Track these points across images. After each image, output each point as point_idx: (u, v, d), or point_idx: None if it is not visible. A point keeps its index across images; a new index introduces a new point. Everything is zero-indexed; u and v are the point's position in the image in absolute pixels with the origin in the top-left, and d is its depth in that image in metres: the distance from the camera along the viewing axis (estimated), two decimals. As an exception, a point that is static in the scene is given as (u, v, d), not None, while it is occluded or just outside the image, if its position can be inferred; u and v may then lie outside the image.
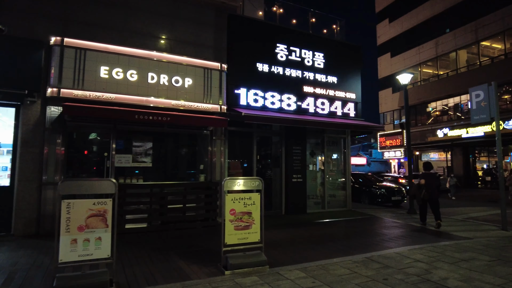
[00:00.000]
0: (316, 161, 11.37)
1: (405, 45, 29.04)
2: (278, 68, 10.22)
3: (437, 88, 25.54)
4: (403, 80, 11.80)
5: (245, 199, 5.03)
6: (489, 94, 8.68)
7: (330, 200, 11.38)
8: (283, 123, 9.20)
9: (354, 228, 8.59)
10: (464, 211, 12.98)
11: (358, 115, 11.52)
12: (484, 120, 8.77)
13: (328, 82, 11.12)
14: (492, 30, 21.95)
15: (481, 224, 9.22)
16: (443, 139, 24.12)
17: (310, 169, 11.08)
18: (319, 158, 11.42)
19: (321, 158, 11.39)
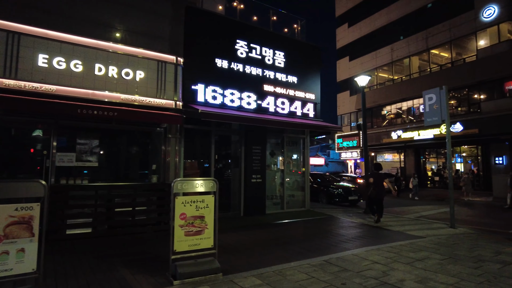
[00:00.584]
0: (276, 161, 11.21)
1: (363, 50, 30.02)
2: (238, 65, 9.90)
3: (392, 92, 26.66)
4: (361, 81, 11.99)
5: (198, 202, 4.64)
6: (440, 97, 9.01)
7: (289, 201, 11.26)
8: (243, 121, 8.89)
9: (313, 228, 8.49)
10: (417, 210, 13.54)
11: (317, 115, 11.52)
12: (436, 122, 9.09)
13: (289, 82, 11.00)
14: (440, 39, 23.28)
15: (432, 222, 9.55)
16: (397, 140, 25.20)
17: (270, 170, 10.88)
18: (279, 158, 11.26)
19: (281, 158, 11.24)
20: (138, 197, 7.67)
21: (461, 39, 22.44)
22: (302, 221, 9.58)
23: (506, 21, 19.91)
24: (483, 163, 21.03)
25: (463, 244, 6.58)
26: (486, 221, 10.77)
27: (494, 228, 9.29)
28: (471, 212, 13.01)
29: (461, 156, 23.49)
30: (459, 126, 21.03)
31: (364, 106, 12.06)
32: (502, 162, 19.50)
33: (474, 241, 6.99)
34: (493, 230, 8.94)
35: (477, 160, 21.96)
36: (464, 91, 22.16)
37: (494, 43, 20.31)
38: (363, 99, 12.05)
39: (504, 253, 5.97)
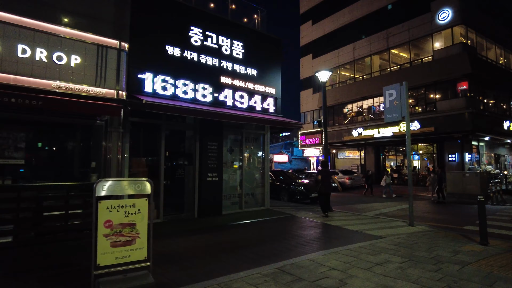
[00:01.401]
0: (235, 158, 10.59)
1: (326, 48, 30.20)
2: (192, 54, 9.14)
3: (353, 90, 27.01)
4: (322, 77, 11.68)
5: (127, 207, 3.90)
6: (400, 93, 8.85)
7: (248, 200, 10.71)
8: (194, 114, 8.14)
9: (270, 230, 7.98)
10: (377, 207, 13.53)
11: (278, 111, 11.04)
12: (396, 118, 8.91)
13: (248, 75, 10.41)
14: (400, 39, 23.85)
15: (392, 221, 9.41)
16: (358, 138, 25.57)
17: (227, 167, 10.26)
18: (238, 155, 10.65)
19: (240, 155, 10.65)
20: (73, 198, 6.71)
21: (419, 40, 23.10)
22: (260, 221, 9.06)
23: (459, 24, 20.71)
24: (438, 160, 21.80)
25: (422, 244, 6.35)
26: (442, 217, 10.87)
27: (449, 225, 9.32)
28: (428, 208, 13.21)
29: (418, 154, 24.25)
30: (417, 124, 21.63)
31: (324, 102, 11.77)
32: (455, 159, 20.29)
33: (432, 239, 6.82)
34: (449, 227, 8.94)
35: (433, 158, 22.75)
36: (421, 90, 22.85)
37: (448, 45, 21.06)
38: (324, 95, 11.75)
39: (461, 252, 5.79)
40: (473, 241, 6.69)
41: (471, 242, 6.60)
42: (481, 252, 5.80)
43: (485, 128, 20.40)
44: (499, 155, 24.93)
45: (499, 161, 24.71)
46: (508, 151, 26.18)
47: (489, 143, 23.50)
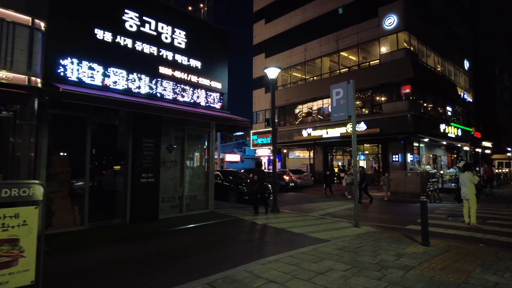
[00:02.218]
0: (175, 158, 9.74)
1: (278, 47, 30.14)
2: (127, 40, 8.16)
3: (304, 91, 27.20)
4: (270, 74, 11.25)
5: (6, 218, 3.01)
6: (347, 92, 8.65)
7: (189, 203, 9.92)
8: (124, 107, 7.17)
9: (211, 235, 7.31)
10: (324, 207, 13.43)
11: (225, 107, 10.40)
12: (343, 117, 8.70)
13: (191, 66, 9.63)
14: (349, 42, 24.42)
15: (337, 221, 9.21)
16: (307, 138, 25.78)
17: (166, 167, 9.39)
18: (179, 154, 9.82)
19: (181, 154, 9.82)
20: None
21: (367, 44, 23.81)
22: (201, 226, 8.34)
23: (403, 30, 21.63)
24: (383, 161, 22.60)
25: (367, 247, 6.09)
26: (386, 216, 10.96)
27: (393, 224, 9.34)
28: (373, 208, 13.39)
29: (364, 154, 25.01)
30: (363, 125, 22.25)
31: (273, 100, 11.36)
32: (398, 159, 21.14)
33: (377, 241, 6.61)
34: (393, 227, 8.93)
35: (378, 158, 23.57)
36: (368, 92, 23.57)
37: (394, 50, 21.92)
38: (273, 93, 11.34)
39: (404, 255, 5.59)
40: (416, 242, 6.60)
41: (413, 243, 6.48)
42: (423, 254, 5.65)
43: (425, 130, 21.53)
44: (436, 156, 26.61)
45: (436, 161, 26.38)
46: (443, 152, 28.06)
47: (428, 144, 24.94)
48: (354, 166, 8.55)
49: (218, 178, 15.78)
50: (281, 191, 20.46)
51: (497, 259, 5.50)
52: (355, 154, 8.61)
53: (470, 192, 8.87)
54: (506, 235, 7.76)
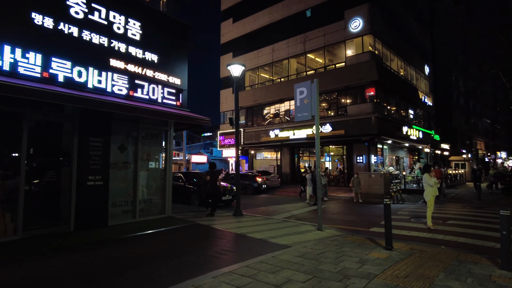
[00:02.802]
0: (128, 158, 8.98)
1: (246, 47, 29.75)
2: (72, 28, 7.35)
3: (271, 92, 26.98)
4: (234, 71, 10.78)
5: None
6: (311, 91, 8.36)
7: (144, 207, 9.19)
8: (65, 101, 6.34)
9: (163, 244, 6.70)
10: (289, 209, 13.16)
11: (184, 104, 9.78)
12: (306, 117, 8.40)
13: (146, 60, 8.93)
14: (316, 44, 24.49)
15: (301, 225, 8.88)
16: (275, 139, 25.56)
17: (117, 168, 8.61)
18: (132, 155, 9.07)
19: (135, 155, 9.07)
20: None
21: (333, 46, 24.00)
22: (155, 233, 7.67)
23: (368, 34, 21.98)
24: (347, 162, 22.82)
25: (329, 254, 5.76)
26: (350, 218, 10.83)
27: (357, 227, 9.16)
28: (337, 209, 13.27)
29: (329, 155, 25.18)
30: (329, 127, 22.35)
31: (236, 98, 10.89)
32: (362, 161, 21.39)
33: (339, 246, 6.31)
34: (357, 229, 8.75)
35: (343, 159, 23.78)
36: (334, 94, 23.73)
37: (359, 53, 22.22)
38: (236, 92, 10.88)
39: (368, 261, 5.31)
40: (379, 246, 6.37)
41: (377, 247, 6.25)
42: (387, 260, 5.40)
43: (389, 132, 21.98)
44: (399, 157, 27.35)
45: (399, 162, 27.11)
46: (406, 154, 28.93)
47: (391, 146, 25.54)
48: (317, 167, 8.25)
49: (180, 180, 15.07)
50: (253, 193, 20.06)
51: (458, 262, 5.37)
52: (318, 154, 8.32)
53: (426, 193, 8.89)
54: (465, 236, 7.78)
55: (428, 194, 8.85)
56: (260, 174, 21.89)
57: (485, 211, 12.17)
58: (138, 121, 8.98)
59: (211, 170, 10.72)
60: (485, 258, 5.64)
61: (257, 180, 20.73)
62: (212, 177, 10.43)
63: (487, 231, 8.25)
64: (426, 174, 8.95)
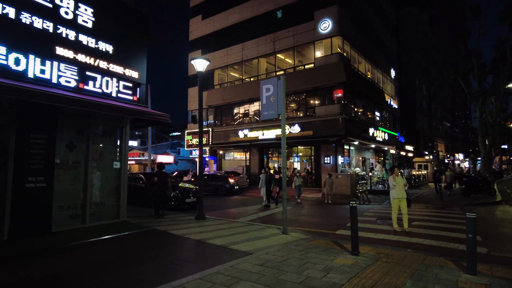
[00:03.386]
0: (77, 157, 8.15)
1: (215, 45, 29.08)
2: (7, 8, 6.48)
3: (241, 91, 26.50)
4: (198, 66, 10.21)
5: None
6: (278, 88, 7.98)
7: (96, 211, 8.39)
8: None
9: (113, 253, 6.03)
10: (254, 210, 12.76)
11: (142, 100, 9.08)
12: (273, 116, 8.01)
13: (100, 50, 8.16)
14: (286, 44, 24.32)
15: (266, 228, 8.47)
16: (244, 139, 25.11)
17: (64, 169, 7.78)
18: (83, 153, 8.24)
19: (86, 153, 8.25)
20: None
21: (302, 47, 23.93)
22: (105, 240, 6.96)
23: (337, 35, 22.08)
24: (315, 163, 22.80)
25: (293, 261, 5.37)
26: (317, 220, 10.59)
27: (323, 229, 8.91)
28: (304, 210, 13.03)
29: (298, 156, 25.10)
30: (297, 127, 22.23)
31: (200, 95, 10.33)
32: (329, 161, 21.44)
33: (304, 252, 5.95)
34: (323, 232, 8.49)
35: (311, 160, 23.76)
36: (303, 95, 23.66)
37: (328, 54, 22.28)
38: (200, 88, 10.32)
39: (333, 269, 4.97)
40: (345, 250, 6.08)
41: (343, 252, 5.95)
42: (353, 266, 5.09)
43: (355, 134, 22.20)
44: (365, 158, 27.82)
45: (365, 163, 27.56)
46: (372, 155, 29.50)
47: (357, 147, 25.90)
48: (283, 168, 7.88)
49: (141, 182, 14.25)
50: (226, 195, 19.47)
51: (425, 266, 5.17)
52: (284, 155, 7.95)
53: (390, 195, 8.78)
54: (430, 237, 7.71)
55: (391, 195, 8.74)
56: (232, 175, 21.38)
57: (447, 211, 12.40)
58: (89, 117, 8.18)
59: (159, 171, 10.61)
60: (451, 261, 5.50)
61: (229, 181, 20.22)
62: (161, 178, 10.28)
63: (450, 232, 8.26)
64: (390, 175, 8.86)
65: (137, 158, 37.34)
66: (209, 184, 20.24)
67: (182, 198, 13.06)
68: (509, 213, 12.13)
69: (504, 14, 26.12)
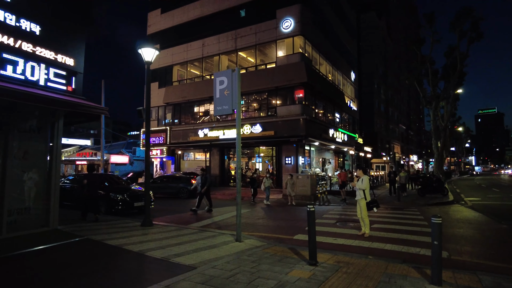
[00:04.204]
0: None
1: (175, 40, 27.79)
2: None
3: (201, 89, 25.47)
4: (146, 55, 9.23)
5: None
6: (232, 81, 7.26)
7: (18, 219, 7.13)
8: None
9: (27, 272, 4.96)
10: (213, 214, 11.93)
11: (78, 91, 7.94)
12: (227, 111, 7.28)
13: (22, 29, 6.94)
14: (247, 41, 23.70)
15: (219, 235, 7.70)
16: (204, 139, 24.14)
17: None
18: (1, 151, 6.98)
19: (4, 151, 6.99)
20: None
21: (264, 45, 23.44)
22: (25, 255, 5.81)
23: (298, 35, 21.83)
24: (276, 163, 22.37)
25: (243, 275, 4.66)
26: (275, 223, 9.99)
27: (281, 234, 8.31)
28: (263, 213, 12.40)
29: (260, 156, 24.57)
30: (259, 127, 21.69)
31: (148, 87, 9.35)
32: (290, 162, 21.09)
33: (257, 264, 5.27)
34: (280, 237, 7.89)
35: (273, 160, 23.31)
36: (264, 95, 23.16)
37: (289, 53, 21.96)
38: (148, 79, 9.35)
39: (287, 284, 4.34)
40: (302, 260, 5.49)
41: (300, 262, 5.34)
42: (310, 280, 4.49)
43: (316, 134, 22.08)
44: (325, 159, 27.91)
45: (325, 164, 27.64)
46: (332, 156, 29.72)
47: (318, 148, 25.88)
48: (237, 167, 7.16)
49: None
50: (188, 197, 18.21)
51: (388, 276, 4.70)
52: (239, 153, 7.23)
53: (361, 197, 8.32)
54: (391, 242, 7.37)
55: (363, 198, 8.10)
56: (195, 176, 20.20)
57: (405, 212, 12.37)
58: (10, 109, 6.93)
59: (89, 173, 10.27)
60: (413, 269, 5.09)
61: (192, 183, 19.08)
62: (90, 181, 9.90)
63: (410, 235, 8.01)
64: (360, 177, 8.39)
65: (89, 158, 34.92)
66: (169, 186, 18.95)
67: (130, 202, 11.92)
68: (462, 213, 12.35)
69: (454, 23, 27.45)
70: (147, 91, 9.25)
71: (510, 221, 10.30)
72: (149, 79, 9.32)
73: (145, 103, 9.24)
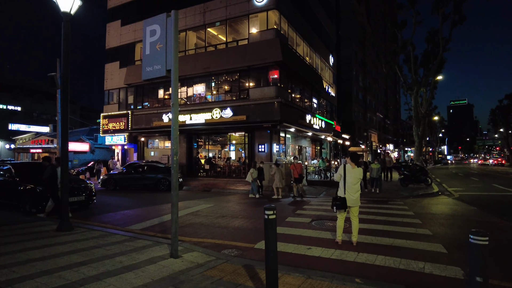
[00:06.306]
0: None
1: (138, 15, 24.95)
2: None
3: (166, 68, 22.96)
4: (62, 4, 6.88)
5: None
6: (167, 30, 5.16)
7: None
8: None
9: None
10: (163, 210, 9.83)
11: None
12: (159, 73, 5.18)
13: None
14: (217, 16, 21.34)
15: (152, 245, 5.66)
16: (168, 124, 21.73)
17: None
18: None
19: None
20: None
21: (235, 20, 21.18)
22: None
23: (273, 9, 19.67)
24: (249, 151, 20.43)
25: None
26: (237, 224, 8.02)
27: (239, 240, 6.37)
28: (225, 208, 10.39)
29: (233, 144, 22.56)
30: (229, 111, 19.62)
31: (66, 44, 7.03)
32: (264, 150, 19.19)
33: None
34: (238, 246, 5.96)
35: (245, 148, 21.36)
36: (236, 75, 21.00)
37: (263, 29, 19.83)
38: (66, 33, 7.00)
39: None
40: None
41: (252, 298, 3.43)
42: None
43: (292, 120, 20.26)
44: (301, 147, 26.23)
45: (302, 152, 25.98)
46: (309, 143, 28.09)
47: (294, 135, 24.11)
48: (172, 155, 5.09)
49: (8, 175, 10.47)
50: (168, 190, 15.75)
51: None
52: (176, 138, 5.14)
53: None
54: (382, 251, 5.56)
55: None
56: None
57: (390, 206, 10.75)
58: None
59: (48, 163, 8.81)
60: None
61: None
62: None
63: (404, 240, 6.28)
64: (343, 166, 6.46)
65: (45, 146, 31.81)
66: (147, 177, 16.37)
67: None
68: (453, 206, 10.88)
69: (437, 3, 26.09)
70: (65, 49, 6.92)
71: (508, 215, 8.87)
72: (67, 29, 6.97)
73: (62, 65, 6.95)
